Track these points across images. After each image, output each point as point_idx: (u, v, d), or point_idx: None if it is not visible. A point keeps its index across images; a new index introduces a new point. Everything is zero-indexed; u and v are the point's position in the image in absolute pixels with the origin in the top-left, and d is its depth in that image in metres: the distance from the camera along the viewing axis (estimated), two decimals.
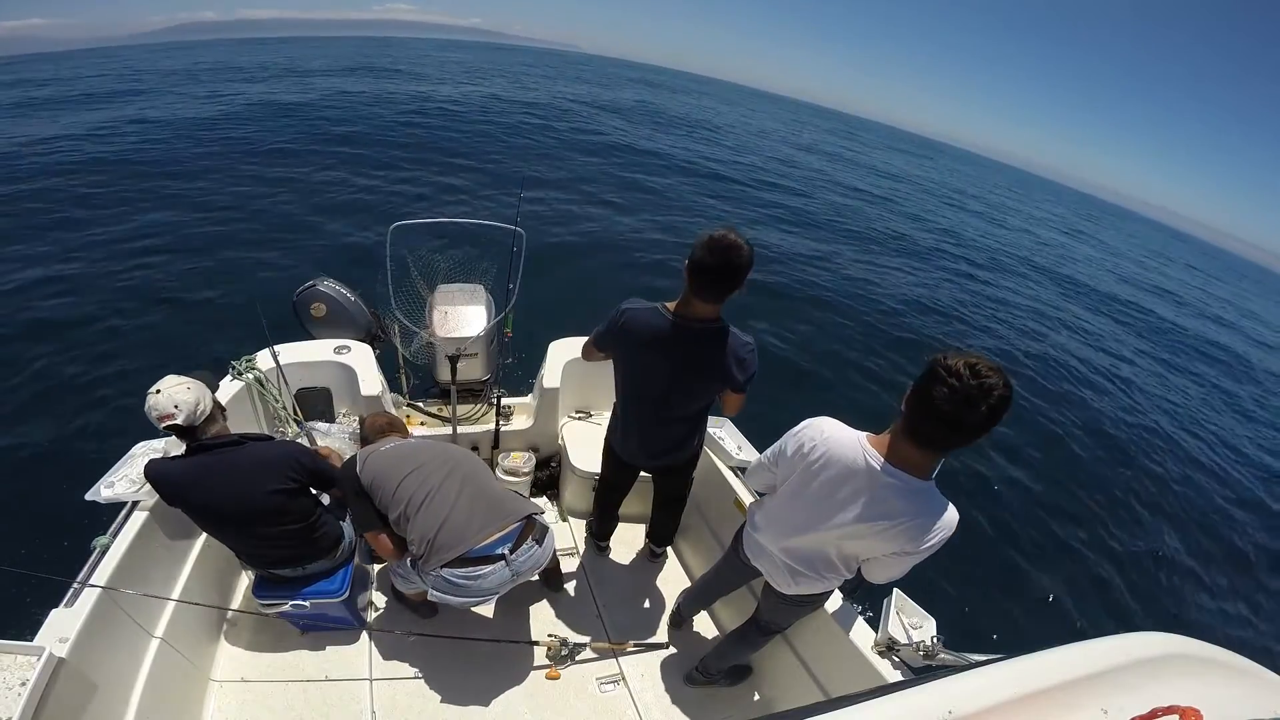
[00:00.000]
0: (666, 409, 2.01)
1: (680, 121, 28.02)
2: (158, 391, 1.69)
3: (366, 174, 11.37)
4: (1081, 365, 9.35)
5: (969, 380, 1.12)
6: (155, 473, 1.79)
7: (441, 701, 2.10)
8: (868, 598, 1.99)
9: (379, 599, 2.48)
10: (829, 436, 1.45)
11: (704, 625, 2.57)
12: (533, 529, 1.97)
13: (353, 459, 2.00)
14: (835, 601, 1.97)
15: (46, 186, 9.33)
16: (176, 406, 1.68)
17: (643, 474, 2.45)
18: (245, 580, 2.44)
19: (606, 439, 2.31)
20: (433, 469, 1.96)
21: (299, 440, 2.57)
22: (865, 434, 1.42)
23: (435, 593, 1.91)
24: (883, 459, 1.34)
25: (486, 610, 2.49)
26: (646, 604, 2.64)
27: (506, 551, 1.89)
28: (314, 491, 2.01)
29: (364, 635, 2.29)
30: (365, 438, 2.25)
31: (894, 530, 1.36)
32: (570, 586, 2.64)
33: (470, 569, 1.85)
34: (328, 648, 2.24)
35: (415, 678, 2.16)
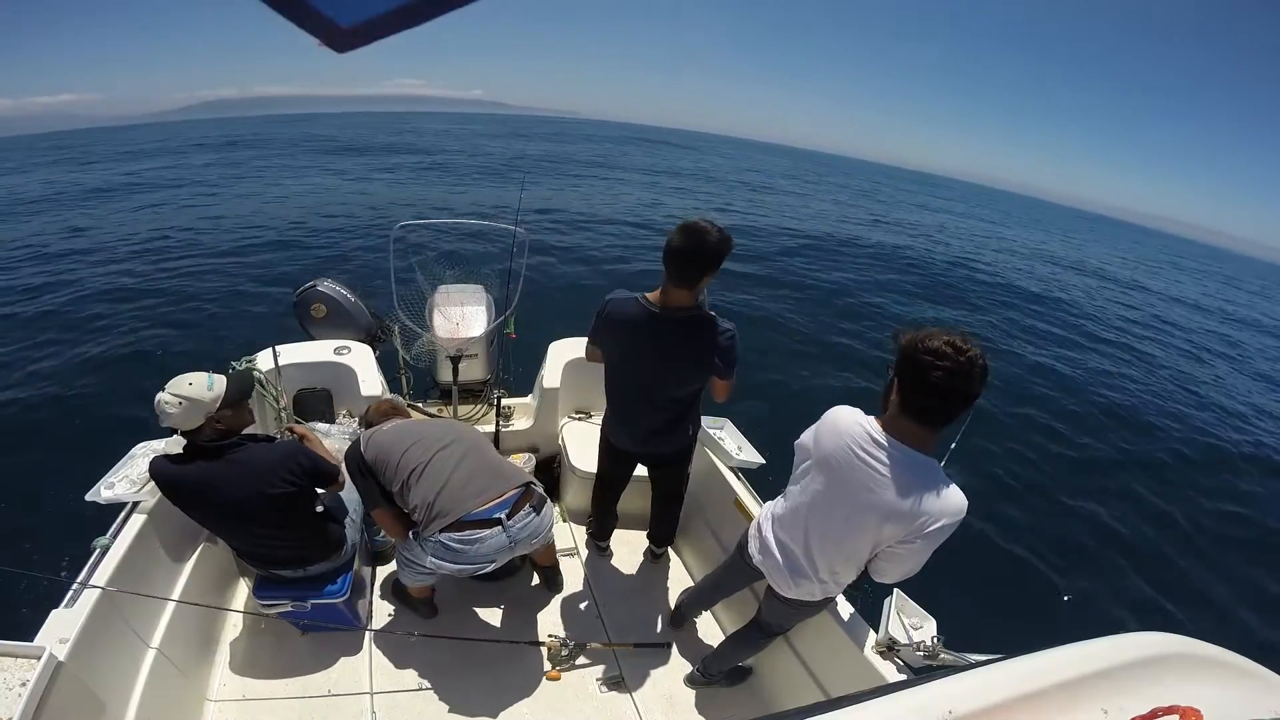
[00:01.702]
0: (651, 395, 2.05)
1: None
2: (163, 390, 1.69)
3: None
4: (1095, 364, 9.36)
5: (958, 358, 1.23)
6: (157, 471, 1.80)
7: (442, 702, 2.09)
8: (868, 598, 1.99)
9: (379, 601, 2.48)
10: (837, 420, 1.50)
11: (704, 626, 2.56)
12: (530, 497, 2.00)
13: (358, 440, 2.05)
14: (836, 602, 1.96)
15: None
16: (170, 409, 1.68)
17: (642, 474, 2.45)
18: (245, 583, 2.44)
19: (602, 431, 2.35)
20: (433, 440, 2.01)
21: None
22: (872, 417, 1.47)
23: (434, 559, 1.93)
24: (886, 434, 1.39)
25: (487, 611, 2.49)
26: (647, 604, 2.64)
27: (503, 517, 1.91)
28: (319, 491, 2.02)
29: (364, 636, 2.29)
30: (370, 422, 2.28)
31: (903, 507, 1.37)
32: (570, 587, 2.64)
33: (467, 533, 1.88)
34: (328, 649, 2.23)
35: (416, 679, 2.16)
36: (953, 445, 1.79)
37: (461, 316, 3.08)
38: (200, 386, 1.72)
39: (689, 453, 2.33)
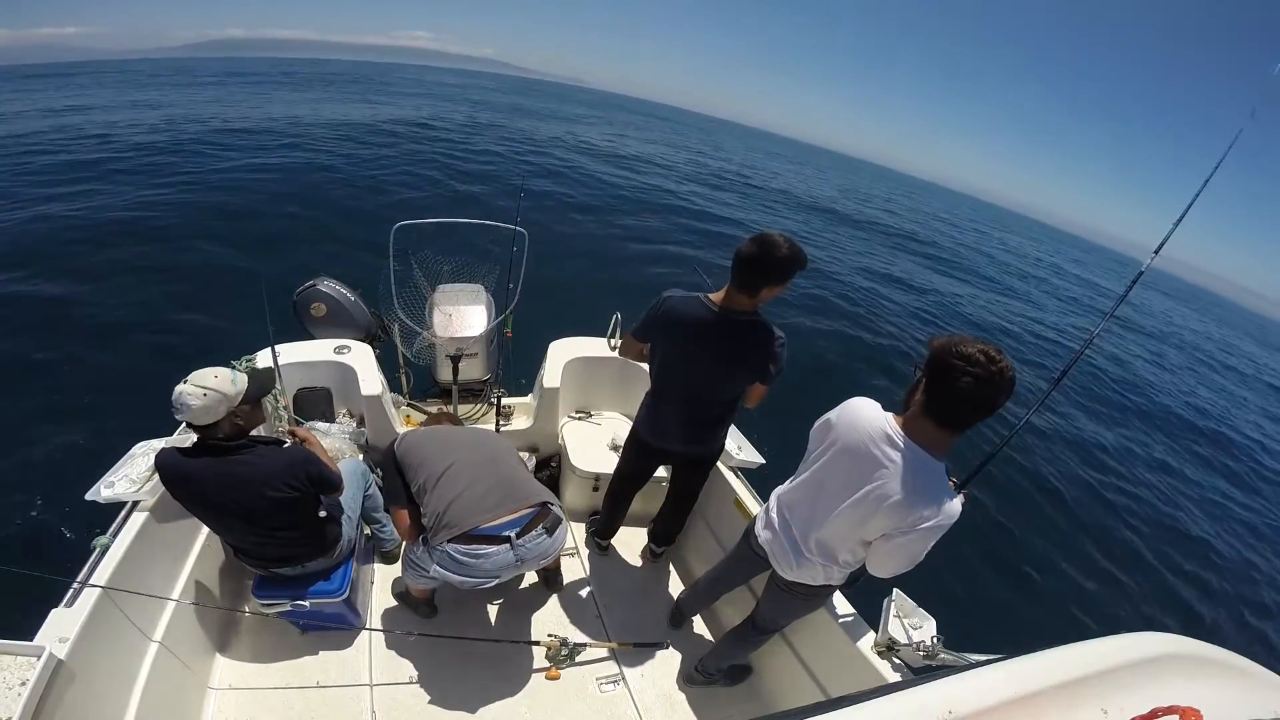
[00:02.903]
0: (702, 395, 2.06)
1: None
2: (185, 382, 1.68)
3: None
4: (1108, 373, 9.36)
5: (989, 367, 1.25)
6: (164, 461, 1.79)
7: (441, 702, 2.10)
8: (868, 598, 2.00)
9: (379, 599, 2.48)
10: (857, 411, 1.53)
11: (704, 625, 2.57)
12: (545, 518, 1.99)
13: (397, 437, 2.16)
14: (835, 601, 1.97)
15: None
16: (193, 401, 1.67)
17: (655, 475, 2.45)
18: (245, 583, 2.44)
19: (634, 427, 2.34)
20: (454, 449, 2.03)
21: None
22: (891, 414, 1.49)
23: (439, 568, 1.93)
24: (904, 434, 1.42)
25: (487, 610, 2.49)
26: (646, 604, 2.64)
27: (513, 535, 1.90)
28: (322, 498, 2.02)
29: (364, 635, 2.29)
30: (423, 424, 2.48)
31: (901, 502, 1.40)
32: (570, 586, 2.64)
33: (474, 547, 1.88)
34: (327, 648, 2.24)
35: (415, 678, 2.16)
36: (988, 461, 1.83)
37: (461, 315, 3.08)
38: (225, 380, 1.71)
39: (719, 455, 2.35)
